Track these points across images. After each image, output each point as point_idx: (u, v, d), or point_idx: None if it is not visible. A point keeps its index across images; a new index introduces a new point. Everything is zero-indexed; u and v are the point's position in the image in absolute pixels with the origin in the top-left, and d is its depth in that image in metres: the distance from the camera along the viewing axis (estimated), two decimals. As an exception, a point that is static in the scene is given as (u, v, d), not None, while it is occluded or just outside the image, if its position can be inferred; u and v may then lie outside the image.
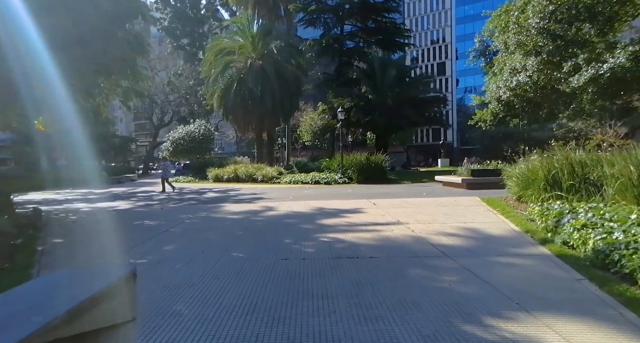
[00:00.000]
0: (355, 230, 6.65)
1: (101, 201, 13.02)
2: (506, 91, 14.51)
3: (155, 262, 4.86)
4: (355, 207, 9.67)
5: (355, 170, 18.91)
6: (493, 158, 17.03)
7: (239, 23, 28.15)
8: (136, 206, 11.36)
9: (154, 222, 8.16)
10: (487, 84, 20.76)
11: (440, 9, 66.70)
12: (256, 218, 8.37)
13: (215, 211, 9.59)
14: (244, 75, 26.66)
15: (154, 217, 9.03)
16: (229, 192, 16.10)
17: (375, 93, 23.52)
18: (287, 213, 8.93)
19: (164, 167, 17.85)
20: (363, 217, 8.09)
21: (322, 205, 10.18)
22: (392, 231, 6.48)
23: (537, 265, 4.39)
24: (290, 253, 5.19)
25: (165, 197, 14.48)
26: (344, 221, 7.58)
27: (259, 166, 22.91)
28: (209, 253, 5.26)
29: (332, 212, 8.94)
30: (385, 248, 5.31)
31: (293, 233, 6.54)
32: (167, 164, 18.34)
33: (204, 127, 28.90)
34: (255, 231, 6.77)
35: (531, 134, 27.23)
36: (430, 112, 26.22)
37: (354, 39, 29.75)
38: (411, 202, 10.34)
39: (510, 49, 14.89)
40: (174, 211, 9.97)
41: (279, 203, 10.74)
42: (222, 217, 8.57)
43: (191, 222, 8.08)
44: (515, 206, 8.36)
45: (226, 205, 10.66)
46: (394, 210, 8.80)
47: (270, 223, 7.54)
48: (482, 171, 14.15)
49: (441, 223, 7.03)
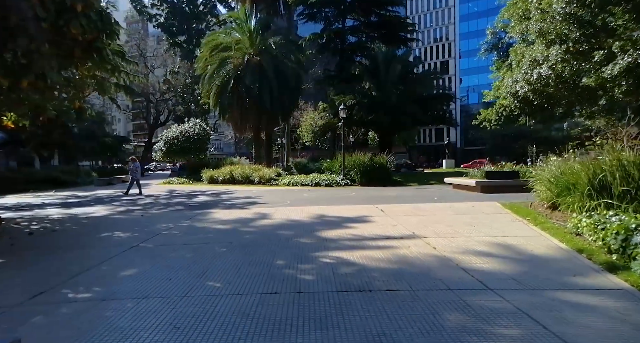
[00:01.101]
0: (363, 247, 5.45)
1: (79, 206, 11.83)
2: (524, 85, 13.27)
3: (100, 298, 3.65)
4: (361, 214, 8.47)
5: (358, 171, 17.71)
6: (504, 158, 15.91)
7: (235, 17, 26.96)
8: (115, 212, 10.16)
9: (126, 233, 6.96)
10: (501, 79, 19.50)
11: (443, 6, 65.41)
12: (246, 229, 7.17)
13: (201, 219, 8.39)
14: (241, 72, 25.48)
15: (128, 226, 7.83)
16: (222, 195, 14.90)
17: (379, 90, 22.29)
18: (283, 222, 7.74)
19: (133, 168, 16.33)
20: (371, 227, 6.89)
21: (323, 211, 8.99)
22: (409, 248, 5.28)
23: (625, 309, 3.18)
24: (282, 282, 3.99)
25: (151, 201, 13.29)
26: (349, 233, 6.39)
27: (256, 167, 21.71)
28: (177, 282, 4.05)
29: (334, 221, 7.74)
30: (406, 276, 4.10)
31: (288, 250, 5.34)
32: (137, 165, 16.67)
33: (199, 126, 27.68)
34: (242, 248, 5.57)
35: (543, 133, 26.07)
36: (437, 110, 24.98)
37: (356, 34, 28.53)
38: (424, 209, 9.15)
39: (529, 39, 13.69)
40: (154, 219, 8.77)
41: (274, 210, 9.55)
42: (206, 228, 7.37)
43: (169, 233, 6.88)
44: (548, 215, 7.16)
45: (215, 212, 9.46)
46: (406, 219, 7.60)
47: (261, 237, 6.34)
48: (498, 173, 12.93)
49: (466, 238, 5.83)
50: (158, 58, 39.68)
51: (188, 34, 40.36)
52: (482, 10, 61.03)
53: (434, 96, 24.98)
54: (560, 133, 24.99)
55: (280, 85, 24.80)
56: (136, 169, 16.30)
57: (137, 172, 16.35)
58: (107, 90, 9.55)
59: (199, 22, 40.89)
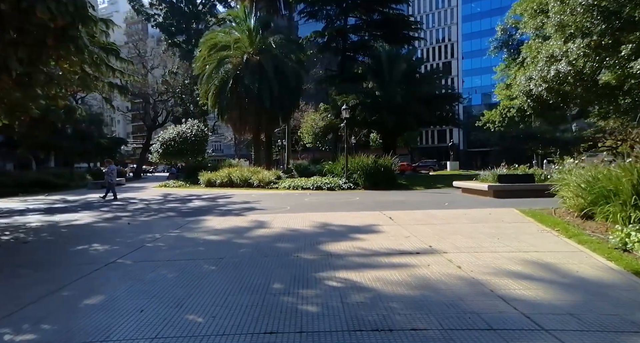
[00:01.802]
0: (375, 265, 4.67)
1: (64, 212, 11.06)
2: (540, 83, 12.46)
3: (45, 342, 2.86)
4: (368, 222, 7.70)
5: (362, 174, 16.92)
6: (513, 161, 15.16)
7: (235, 16, 26.24)
8: (100, 219, 9.39)
9: (105, 246, 6.18)
10: (512, 77, 18.67)
11: (446, 7, 64.62)
12: (241, 240, 6.39)
13: (192, 228, 7.62)
14: (240, 72, 24.72)
15: (110, 237, 7.06)
16: (218, 200, 14.13)
17: (383, 89, 21.48)
18: (282, 232, 6.95)
19: (109, 171, 15.40)
20: (381, 239, 6.11)
21: (326, 219, 8.22)
22: (429, 267, 4.49)
23: None
24: (279, 316, 3.20)
25: (142, 206, 12.52)
26: (357, 247, 5.61)
27: (255, 170, 20.94)
28: (149, 315, 3.27)
29: (339, 230, 6.96)
30: (432, 308, 3.31)
31: (287, 270, 4.55)
32: (112, 168, 15.69)
33: (196, 127, 26.89)
34: (234, 266, 4.79)
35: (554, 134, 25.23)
36: (442, 111, 24.16)
37: (359, 33, 27.78)
38: (436, 216, 8.37)
39: (545, 34, 12.88)
40: (140, 228, 8.00)
41: (273, 217, 8.77)
42: (196, 239, 6.60)
43: (154, 246, 6.10)
44: (580, 225, 6.37)
45: (208, 220, 8.68)
46: (419, 229, 6.82)
47: (257, 251, 5.55)
48: (512, 177, 12.13)
49: (492, 252, 5.05)
50: (156, 58, 38.96)
51: (187, 34, 39.67)
52: (486, 10, 60.26)
53: (440, 96, 24.16)
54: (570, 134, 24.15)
55: (280, 85, 24.05)
56: (111, 172, 15.37)
57: (113, 176, 15.40)
58: (91, 87, 8.78)
59: (198, 22, 40.19)
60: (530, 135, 26.20)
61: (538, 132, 26.71)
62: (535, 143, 25.08)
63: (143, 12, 39.85)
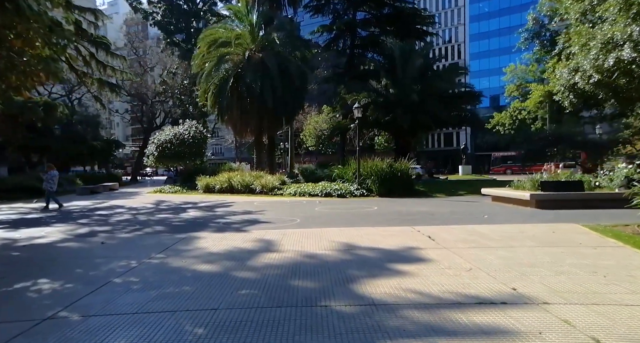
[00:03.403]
0: (451, 329, 2.99)
1: (34, 224, 9.41)
2: (594, 75, 10.78)
3: None
4: (404, 243, 6.08)
5: (376, 180, 15.26)
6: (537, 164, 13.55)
7: (236, 10, 24.70)
8: (71, 236, 7.73)
9: (56, 282, 4.53)
10: (549, 71, 17.00)
11: (453, 7, 63.06)
12: (242, 274, 4.73)
13: (181, 251, 5.96)
14: (241, 70, 23.18)
15: (70, 265, 5.41)
16: (217, 209, 12.47)
17: (397, 87, 19.85)
18: (296, 259, 5.30)
19: (49, 178, 13.61)
20: (435, 273, 4.47)
21: (348, 238, 6.58)
22: (543, 337, 2.82)
23: None
24: None
25: (129, 217, 10.86)
26: (407, 288, 3.96)
27: (257, 174, 19.29)
28: None
29: (372, 257, 5.32)
30: None
31: (315, 339, 2.88)
32: (53, 174, 13.79)
33: (195, 128, 25.24)
34: (231, 329, 3.12)
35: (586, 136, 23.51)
36: (461, 111, 22.49)
37: (368, 28, 26.23)
38: (485, 234, 6.72)
39: (596, 18, 11.28)
40: (116, 249, 6.34)
41: (281, 234, 7.12)
42: (183, 270, 4.94)
43: (123, 282, 4.44)
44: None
45: (202, 238, 7.03)
46: (478, 256, 5.18)
47: (265, 295, 3.89)
48: (558, 184, 10.44)
49: (618, 305, 3.40)
50: (154, 57, 37.44)
51: (187, 33, 38.18)
52: (494, 10, 58.78)
53: (459, 95, 22.49)
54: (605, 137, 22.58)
55: (284, 85, 22.48)
56: (51, 179, 13.52)
57: (53, 183, 13.56)
58: (58, 74, 7.15)
59: (198, 20, 38.69)
60: (560, 137, 24.41)
61: (566, 134, 24.94)
62: (565, 145, 23.43)
63: (141, 10, 38.44)
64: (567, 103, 13.40)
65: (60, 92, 39.08)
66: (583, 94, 12.39)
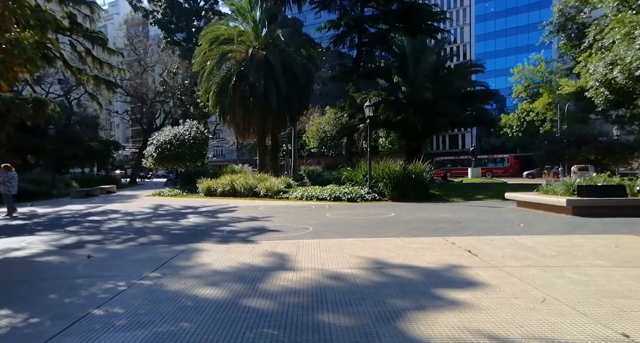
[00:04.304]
0: None
1: (15, 233, 8.46)
2: (637, 67, 9.87)
3: None
4: (444, 260, 5.13)
5: (389, 183, 14.31)
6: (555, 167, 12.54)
7: (238, 6, 23.82)
8: (54, 248, 6.78)
9: (18, 316, 3.57)
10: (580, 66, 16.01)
11: (458, 6, 62.17)
12: (254, 303, 3.76)
13: (179, 269, 5.01)
14: (244, 68, 22.31)
15: (44, 289, 4.46)
16: (219, 214, 11.52)
17: (409, 85, 18.90)
18: (319, 281, 4.35)
19: (6, 180, 11.97)
20: (501, 305, 3.50)
21: (374, 251, 5.65)
22: None
23: None
24: None
25: (123, 224, 9.92)
26: (470, 327, 3.00)
27: (261, 177, 18.35)
28: None
29: (412, 280, 4.36)
30: None
31: None
32: (11, 175, 12.21)
33: (195, 129, 24.31)
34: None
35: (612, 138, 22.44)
36: (477, 110, 21.50)
37: (376, 25, 25.33)
38: (534, 248, 5.78)
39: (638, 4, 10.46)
40: (103, 266, 5.39)
41: (295, 246, 6.18)
42: (180, 296, 3.98)
43: (105, 315, 3.49)
44: None
45: (204, 251, 6.09)
46: (543, 278, 4.23)
47: (287, 336, 2.94)
48: (598, 189, 9.47)
49: None
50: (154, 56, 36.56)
51: (187, 32, 37.33)
52: (500, 10, 57.85)
53: (474, 93, 21.51)
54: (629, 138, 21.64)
55: (288, 83, 21.61)
56: (9, 181, 12.03)
57: (11, 185, 12.05)
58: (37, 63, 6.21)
59: (199, 19, 37.85)
60: (584, 138, 23.28)
61: (589, 135, 23.85)
62: (590, 147, 22.42)
63: (141, 9, 37.65)
64: (601, 100, 12.43)
65: (58, 92, 38.27)
66: (619, 90, 11.47)
